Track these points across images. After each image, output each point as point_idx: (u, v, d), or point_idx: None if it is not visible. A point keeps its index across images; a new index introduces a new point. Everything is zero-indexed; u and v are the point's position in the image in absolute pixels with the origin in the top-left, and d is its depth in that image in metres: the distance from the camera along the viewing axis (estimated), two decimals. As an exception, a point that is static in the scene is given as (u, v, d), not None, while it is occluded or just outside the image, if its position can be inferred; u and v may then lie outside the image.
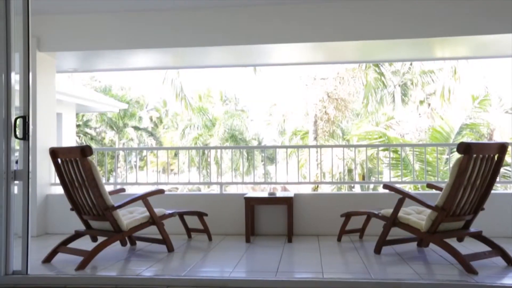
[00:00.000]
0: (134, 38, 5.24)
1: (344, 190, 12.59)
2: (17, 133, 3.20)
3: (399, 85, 18.05)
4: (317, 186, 13.04)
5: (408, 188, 9.60)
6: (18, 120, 3.19)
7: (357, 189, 13.31)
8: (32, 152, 3.46)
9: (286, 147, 12.80)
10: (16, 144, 3.26)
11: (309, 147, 12.23)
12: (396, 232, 4.09)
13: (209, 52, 5.61)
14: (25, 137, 3.22)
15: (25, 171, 3.23)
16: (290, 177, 6.42)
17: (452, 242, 3.65)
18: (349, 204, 4.99)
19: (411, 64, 17.64)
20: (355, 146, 8.31)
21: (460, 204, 3.57)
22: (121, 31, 5.26)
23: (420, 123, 17.57)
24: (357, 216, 4.62)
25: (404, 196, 3.92)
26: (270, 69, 18.61)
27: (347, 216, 4.66)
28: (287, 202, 4.86)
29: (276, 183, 6.51)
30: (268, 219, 5.22)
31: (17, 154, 3.32)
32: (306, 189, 10.75)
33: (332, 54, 6.02)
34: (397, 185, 4.62)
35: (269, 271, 3.52)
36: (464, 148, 3.40)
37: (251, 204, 4.93)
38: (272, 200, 5.00)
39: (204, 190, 12.23)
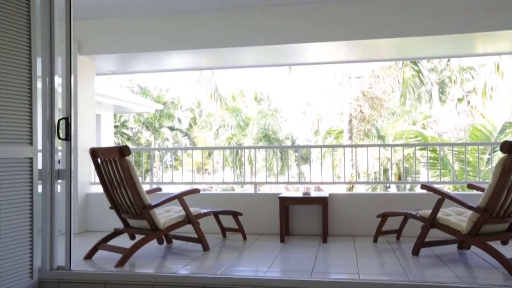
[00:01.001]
0: (170, 39, 5.34)
1: (380, 190, 12.38)
2: (60, 134, 3.33)
3: (437, 83, 17.56)
4: (352, 186, 12.87)
5: (447, 189, 9.32)
6: (61, 122, 3.32)
7: (392, 189, 13.04)
8: (73, 152, 3.57)
9: (321, 146, 12.70)
10: (58, 144, 3.39)
11: (343, 146, 12.04)
12: (435, 234, 3.98)
13: (244, 52, 5.65)
14: (67, 137, 3.34)
15: (68, 170, 3.36)
16: (324, 177, 6.34)
17: (496, 245, 3.52)
18: (385, 205, 4.90)
19: (448, 61, 17.11)
20: (392, 146, 8.12)
21: (504, 205, 3.44)
22: (158, 33, 5.37)
23: (459, 122, 17.03)
24: (394, 216, 4.53)
25: (443, 196, 3.80)
26: (305, 68, 18.50)
27: (384, 216, 4.57)
28: (322, 202, 4.82)
29: (310, 183, 6.45)
30: (303, 219, 5.19)
31: (59, 154, 3.46)
32: (341, 189, 10.65)
33: (368, 52, 5.92)
34: (436, 186, 4.49)
35: (304, 271, 3.50)
36: (509, 147, 3.27)
37: (286, 204, 4.92)
38: (306, 200, 4.97)
39: (238, 189, 12.30)
